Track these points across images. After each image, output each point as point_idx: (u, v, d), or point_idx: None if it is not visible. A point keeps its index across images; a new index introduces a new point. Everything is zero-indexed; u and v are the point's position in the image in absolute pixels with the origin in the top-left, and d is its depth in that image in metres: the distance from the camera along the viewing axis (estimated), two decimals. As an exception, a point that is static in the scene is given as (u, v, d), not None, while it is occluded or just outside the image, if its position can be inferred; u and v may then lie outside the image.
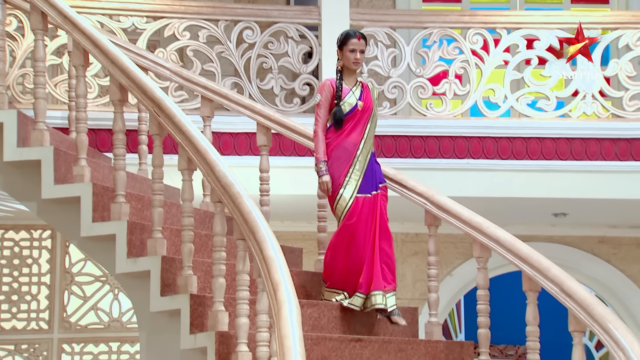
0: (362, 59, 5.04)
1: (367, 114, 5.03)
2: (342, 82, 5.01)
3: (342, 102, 4.98)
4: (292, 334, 3.68)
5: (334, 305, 5.20)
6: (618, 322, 4.01)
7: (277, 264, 4.05)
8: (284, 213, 7.70)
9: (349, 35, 5.01)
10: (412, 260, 7.96)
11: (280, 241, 7.99)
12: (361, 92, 5.05)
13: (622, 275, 8.10)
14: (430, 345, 4.99)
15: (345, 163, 4.97)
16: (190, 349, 4.60)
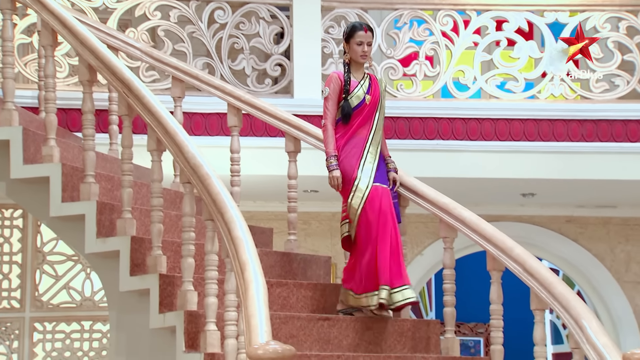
0: (369, 52, 4.90)
1: (375, 108, 4.90)
2: (350, 75, 4.89)
3: (350, 95, 4.85)
4: (259, 313, 3.72)
5: (302, 284, 5.23)
6: (577, 300, 4.08)
7: (244, 245, 4.08)
8: (256, 193, 7.74)
9: (355, 28, 4.88)
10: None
11: (252, 221, 8.09)
12: (369, 86, 4.92)
13: (588, 254, 8.19)
14: (398, 324, 5.03)
15: (357, 157, 4.84)
16: (159, 328, 4.62)
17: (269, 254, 5.50)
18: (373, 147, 4.87)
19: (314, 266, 5.61)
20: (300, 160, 5.69)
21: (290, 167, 5.65)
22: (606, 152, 7.03)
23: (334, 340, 4.85)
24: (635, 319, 8.06)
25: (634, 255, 8.15)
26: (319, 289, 5.22)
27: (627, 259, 8.14)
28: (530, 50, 7.22)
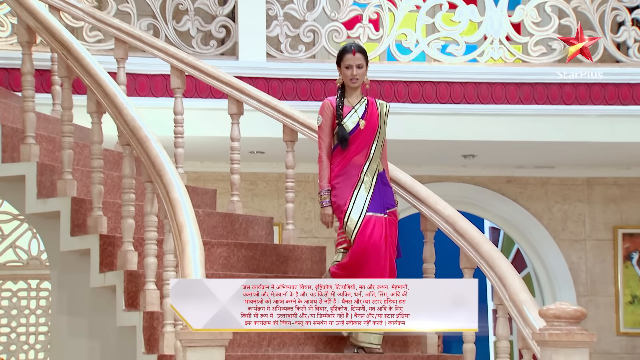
0: (361, 74, 4.55)
1: (372, 134, 4.56)
2: (342, 100, 4.58)
3: (343, 121, 4.53)
4: (195, 274, 3.76)
5: (243, 244, 5.28)
6: (502, 259, 4.18)
7: (182, 206, 4.10)
8: (203, 154, 7.75)
9: (344, 51, 4.56)
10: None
11: (200, 181, 8.12)
12: (365, 110, 4.57)
13: (527, 214, 8.33)
14: (336, 283, 5.12)
15: (350, 187, 4.52)
16: (100, 287, 4.67)
17: (212, 214, 5.54)
18: (369, 176, 4.54)
19: (256, 227, 5.65)
20: (246, 121, 5.71)
21: (233, 129, 5.66)
22: (543, 114, 7.15)
23: (272, 298, 4.93)
24: (570, 275, 8.24)
25: (570, 214, 8.31)
26: (260, 249, 5.28)
27: (564, 218, 8.31)
28: (471, 13, 7.28)
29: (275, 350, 4.58)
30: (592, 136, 7.35)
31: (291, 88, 7.03)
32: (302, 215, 8.21)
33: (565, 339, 3.54)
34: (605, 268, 8.23)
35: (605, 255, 8.25)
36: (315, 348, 4.69)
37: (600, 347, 8.12)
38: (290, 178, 5.54)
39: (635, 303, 8.19)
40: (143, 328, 4.31)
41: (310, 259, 5.41)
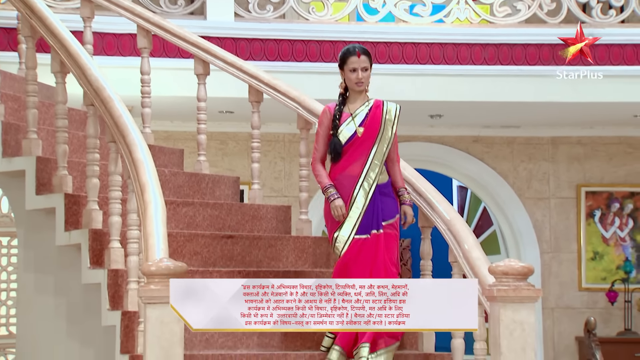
0: (366, 77, 4.25)
1: (371, 140, 4.20)
2: (341, 107, 4.27)
3: (338, 131, 4.23)
4: (156, 233, 3.82)
5: (208, 204, 5.31)
6: (458, 218, 4.26)
7: (145, 166, 4.12)
8: (173, 113, 7.76)
9: (348, 53, 4.25)
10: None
11: (170, 140, 8.12)
12: (365, 116, 4.24)
13: (493, 173, 8.41)
14: (299, 241, 5.16)
15: (345, 199, 4.19)
16: (65, 245, 4.70)
17: (178, 174, 5.56)
18: (364, 189, 4.19)
19: (223, 186, 5.68)
20: (215, 81, 5.72)
21: (199, 89, 5.66)
22: (508, 75, 7.19)
23: (237, 257, 4.97)
24: (534, 232, 8.36)
25: (535, 173, 8.40)
26: (225, 208, 5.31)
27: (529, 177, 8.40)
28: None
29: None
30: (556, 96, 7.41)
31: (259, 48, 7.03)
32: (272, 174, 8.27)
33: (513, 295, 3.62)
34: (569, 225, 8.35)
35: (568, 213, 8.36)
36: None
37: (563, 302, 8.28)
38: (256, 138, 5.57)
39: (597, 259, 8.32)
40: (108, 285, 4.35)
41: (275, 218, 5.45)
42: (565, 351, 8.07)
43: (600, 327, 8.17)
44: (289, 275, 4.80)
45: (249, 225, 5.31)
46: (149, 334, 3.46)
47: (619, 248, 8.33)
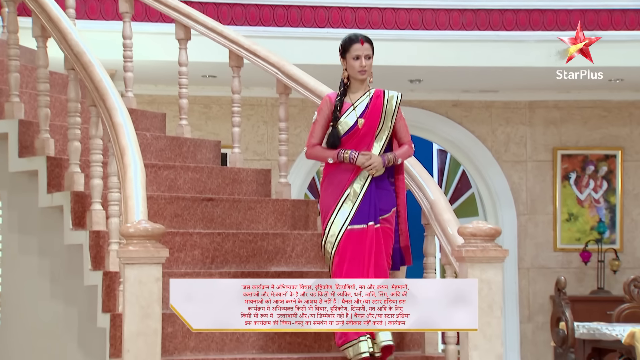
0: (369, 65, 4.03)
1: (372, 132, 4.03)
2: (342, 98, 4.06)
3: (338, 122, 4.02)
4: (135, 195, 3.85)
5: (189, 167, 5.33)
6: (432, 182, 4.30)
7: (124, 130, 4.15)
8: (157, 77, 7.75)
9: (351, 41, 4.04)
10: (280, 124, 8.11)
11: (154, 104, 8.10)
12: (366, 106, 4.04)
13: (472, 136, 8.44)
14: (278, 204, 5.20)
15: (338, 191, 4.00)
16: (48, 207, 4.72)
17: (160, 138, 5.57)
18: (360, 179, 4.00)
19: (204, 150, 5.69)
20: (198, 46, 5.73)
21: (180, 54, 5.65)
22: (486, 40, 7.21)
23: (217, 219, 5.00)
24: (512, 195, 8.41)
25: (512, 136, 8.44)
26: (206, 171, 5.32)
27: (507, 140, 8.44)
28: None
29: (217, 268, 4.69)
30: (534, 61, 7.45)
31: (240, 13, 7.01)
32: (255, 138, 8.29)
33: (480, 255, 3.70)
34: (545, 188, 8.41)
35: (544, 176, 8.42)
36: (257, 266, 4.81)
37: (538, 262, 8.37)
38: (237, 103, 5.59)
39: (572, 221, 8.40)
40: (89, 246, 4.38)
41: (255, 182, 5.47)
42: (540, 309, 8.19)
43: (575, 286, 8.30)
44: (268, 237, 4.85)
45: (229, 189, 5.33)
46: (128, 293, 3.53)
47: (593, 210, 8.41)
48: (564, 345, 5.85)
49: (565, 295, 5.94)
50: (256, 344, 4.33)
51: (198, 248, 4.70)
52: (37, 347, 4.85)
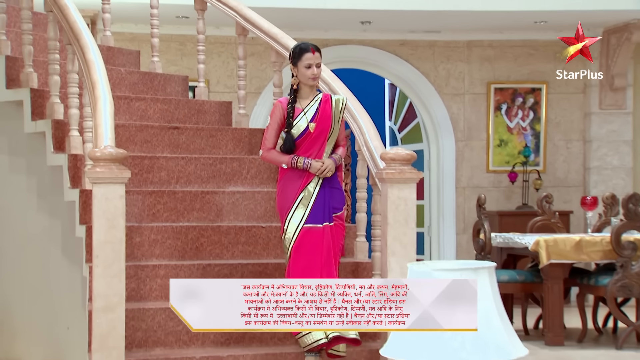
0: (319, 73, 3.89)
1: (323, 135, 3.86)
2: (293, 104, 3.88)
3: (292, 126, 3.85)
4: (104, 123, 3.95)
5: (159, 99, 5.39)
6: (363, 113, 4.35)
7: (95, 66, 4.21)
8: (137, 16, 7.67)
9: (302, 50, 3.86)
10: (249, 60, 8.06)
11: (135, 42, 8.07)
12: (316, 111, 3.87)
13: (417, 72, 8.45)
14: (237, 132, 5.28)
15: (295, 191, 3.83)
16: (33, 133, 4.81)
17: (133, 73, 5.62)
18: (314, 180, 3.85)
19: (173, 84, 5.74)
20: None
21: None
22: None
23: (182, 145, 5.10)
24: (451, 123, 8.50)
25: (452, 72, 8.48)
26: (174, 103, 5.40)
27: (447, 75, 8.48)
28: None
29: (181, 187, 4.79)
30: (472, 5, 7.48)
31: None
32: (225, 73, 8.31)
33: (398, 177, 3.86)
34: (480, 117, 8.50)
35: (479, 107, 8.51)
36: (216, 186, 4.91)
37: (473, 182, 8.52)
38: (201, 42, 5.62)
39: (502, 146, 8.51)
40: (68, 167, 4.48)
41: (218, 112, 5.55)
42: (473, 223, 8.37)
43: (503, 202, 8.50)
44: (227, 161, 4.94)
45: (194, 118, 5.41)
46: (96, 208, 3.66)
47: (520, 136, 8.52)
48: (482, 252, 6.03)
49: (485, 210, 6.08)
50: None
51: (164, 170, 4.80)
52: (27, 254, 4.97)
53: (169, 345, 3.94)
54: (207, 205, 4.63)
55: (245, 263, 4.33)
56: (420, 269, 2.09)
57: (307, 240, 3.77)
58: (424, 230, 8.83)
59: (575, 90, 8.46)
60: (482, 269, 2.05)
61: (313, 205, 3.80)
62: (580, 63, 8.39)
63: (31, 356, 4.85)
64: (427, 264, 2.12)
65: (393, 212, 3.85)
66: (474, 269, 2.04)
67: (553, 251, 5.51)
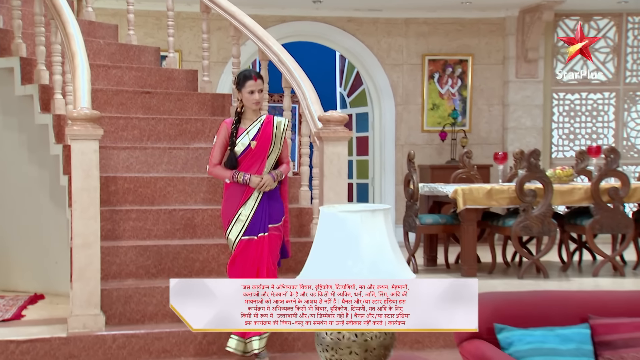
0: (262, 98, 3.70)
1: (263, 152, 3.66)
2: (237, 125, 3.69)
3: (235, 145, 3.66)
4: (82, 88, 3.98)
5: (134, 67, 5.38)
6: (306, 81, 4.41)
7: (75, 39, 4.23)
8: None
9: (245, 78, 3.66)
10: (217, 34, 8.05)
11: (117, 17, 8.00)
12: (258, 130, 3.67)
13: (363, 45, 8.48)
14: (201, 97, 5.33)
15: (236, 204, 3.64)
16: (22, 95, 4.82)
17: (111, 44, 5.61)
18: (255, 194, 3.65)
19: (147, 54, 5.75)
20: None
21: (128, -25, 5.63)
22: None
23: (153, 107, 5.15)
24: (391, 90, 8.57)
25: (392, 45, 8.53)
26: (146, 71, 5.42)
27: (388, 48, 8.53)
28: None
29: (152, 144, 4.87)
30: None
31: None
32: (196, 44, 8.27)
33: (333, 136, 3.97)
34: (415, 85, 8.58)
35: (415, 76, 8.59)
36: (182, 142, 4.98)
37: (410, 140, 8.64)
38: (170, 18, 5.63)
39: (435, 109, 8.62)
40: (53, 126, 4.52)
41: (185, 79, 5.58)
42: (409, 175, 8.54)
43: (435, 157, 8.65)
44: (192, 121, 4.99)
45: (164, 84, 5.43)
46: (74, 161, 3.72)
47: (450, 101, 8.63)
48: (412, 199, 6.19)
49: (414, 164, 6.21)
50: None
51: (137, 129, 4.86)
52: (21, 200, 5.01)
53: (139, 277, 4.05)
54: (174, 159, 4.71)
55: (206, 208, 4.43)
56: (329, 210, 2.21)
57: (243, 250, 3.60)
58: (369, 181, 8.99)
59: (495, 62, 8.60)
60: (378, 211, 2.17)
61: (252, 219, 3.61)
62: (500, 39, 8.55)
63: (25, 286, 4.93)
64: (335, 207, 2.24)
65: (328, 166, 3.97)
66: (371, 210, 2.16)
67: (468, 198, 5.68)
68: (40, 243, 4.90)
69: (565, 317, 2.48)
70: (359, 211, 2.16)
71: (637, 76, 8.58)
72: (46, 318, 4.02)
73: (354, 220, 2.17)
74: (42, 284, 4.85)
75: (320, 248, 2.20)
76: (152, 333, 3.70)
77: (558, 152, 8.64)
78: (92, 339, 3.60)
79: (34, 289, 4.87)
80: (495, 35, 8.54)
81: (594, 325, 2.47)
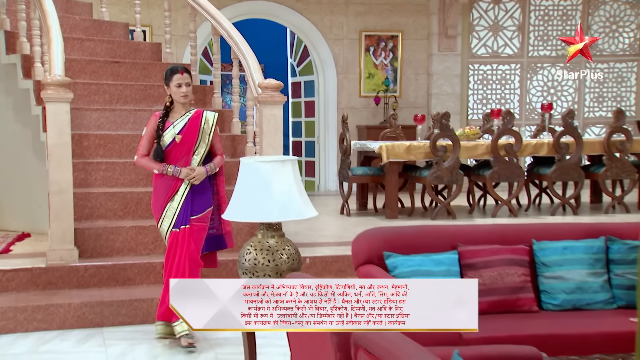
0: (190, 91, 3.32)
1: (190, 145, 3.30)
2: (165, 118, 3.33)
3: (162, 137, 3.30)
4: (56, 58, 4.00)
5: (105, 40, 5.35)
6: (249, 52, 4.44)
7: (50, 15, 4.22)
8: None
9: (172, 72, 3.32)
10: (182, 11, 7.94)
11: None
12: (184, 125, 3.31)
13: (309, 23, 8.47)
14: (164, 66, 5.26)
15: (164, 196, 3.30)
16: (7, 64, 4.80)
17: (86, 20, 5.56)
18: (183, 186, 3.30)
19: (117, 29, 5.72)
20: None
21: (99, -40, 5.54)
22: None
23: (122, 75, 5.16)
24: (334, 61, 8.60)
25: (335, 22, 8.52)
26: (116, 43, 5.41)
27: (331, 25, 8.53)
28: None
29: (120, 106, 4.91)
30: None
31: None
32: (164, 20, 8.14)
33: (270, 100, 4.08)
34: (354, 57, 8.62)
35: (354, 49, 8.63)
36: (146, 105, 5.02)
37: (350, 104, 8.74)
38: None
39: (370, 78, 8.70)
40: (34, 90, 4.52)
41: (150, 50, 5.58)
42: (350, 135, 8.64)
43: (371, 119, 8.79)
44: (154, 87, 5.03)
45: (132, 56, 5.43)
46: (49, 120, 3.78)
47: (383, 71, 8.73)
48: (345, 154, 6.35)
49: (347, 125, 6.34)
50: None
51: (107, 93, 4.89)
52: (9, 154, 5.03)
53: (108, 218, 4.16)
54: (139, 120, 4.76)
55: (166, 160, 4.49)
56: (248, 160, 2.37)
57: (171, 243, 3.29)
58: (315, 139, 9.11)
59: (421, 38, 8.72)
60: (287, 161, 2.34)
61: (179, 212, 3.28)
62: (425, 18, 8.65)
63: (15, 226, 4.99)
64: (253, 158, 2.40)
65: (267, 125, 4.09)
66: (281, 160, 2.33)
67: (391, 153, 5.87)
68: (26, 190, 4.95)
69: (439, 245, 2.70)
70: (270, 161, 2.33)
71: (537, 50, 8.82)
72: (30, 252, 4.12)
73: (267, 169, 2.33)
74: (28, 225, 4.92)
75: (241, 191, 2.37)
76: (118, 264, 3.83)
77: (473, 115, 8.87)
78: (67, 269, 3.72)
79: (22, 228, 4.94)
80: (421, 15, 8.65)
81: (461, 252, 2.69)
